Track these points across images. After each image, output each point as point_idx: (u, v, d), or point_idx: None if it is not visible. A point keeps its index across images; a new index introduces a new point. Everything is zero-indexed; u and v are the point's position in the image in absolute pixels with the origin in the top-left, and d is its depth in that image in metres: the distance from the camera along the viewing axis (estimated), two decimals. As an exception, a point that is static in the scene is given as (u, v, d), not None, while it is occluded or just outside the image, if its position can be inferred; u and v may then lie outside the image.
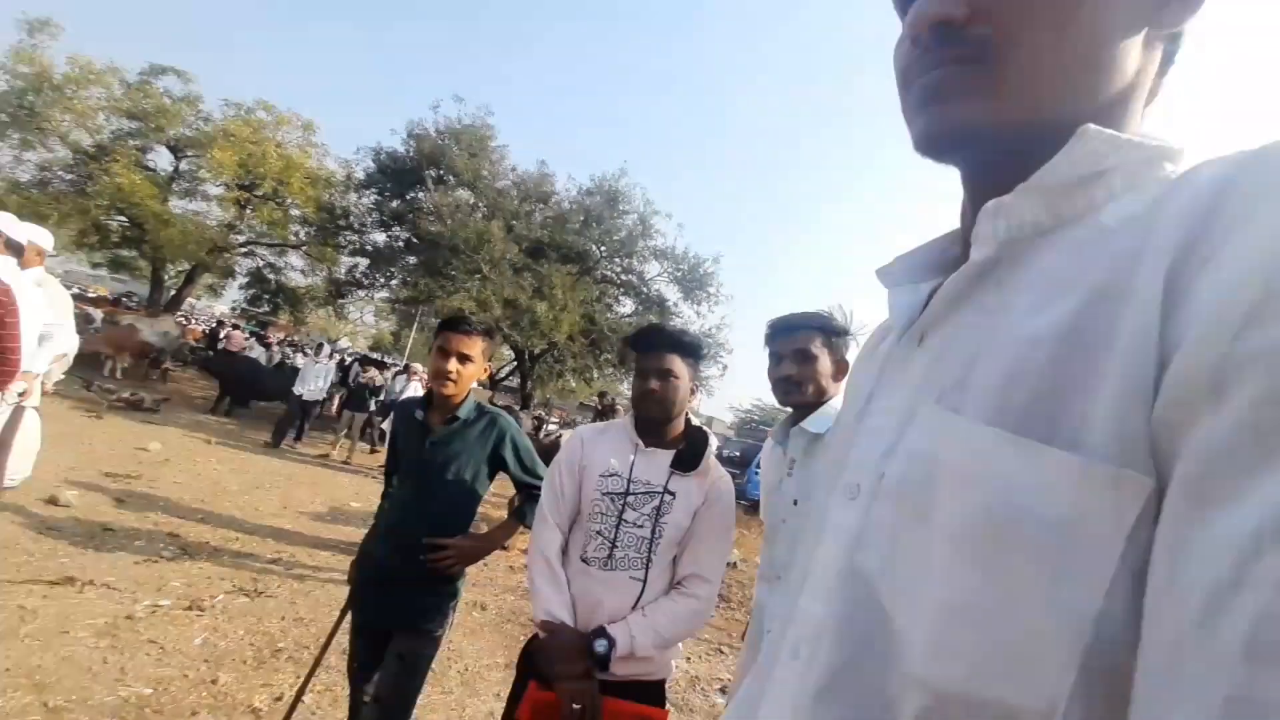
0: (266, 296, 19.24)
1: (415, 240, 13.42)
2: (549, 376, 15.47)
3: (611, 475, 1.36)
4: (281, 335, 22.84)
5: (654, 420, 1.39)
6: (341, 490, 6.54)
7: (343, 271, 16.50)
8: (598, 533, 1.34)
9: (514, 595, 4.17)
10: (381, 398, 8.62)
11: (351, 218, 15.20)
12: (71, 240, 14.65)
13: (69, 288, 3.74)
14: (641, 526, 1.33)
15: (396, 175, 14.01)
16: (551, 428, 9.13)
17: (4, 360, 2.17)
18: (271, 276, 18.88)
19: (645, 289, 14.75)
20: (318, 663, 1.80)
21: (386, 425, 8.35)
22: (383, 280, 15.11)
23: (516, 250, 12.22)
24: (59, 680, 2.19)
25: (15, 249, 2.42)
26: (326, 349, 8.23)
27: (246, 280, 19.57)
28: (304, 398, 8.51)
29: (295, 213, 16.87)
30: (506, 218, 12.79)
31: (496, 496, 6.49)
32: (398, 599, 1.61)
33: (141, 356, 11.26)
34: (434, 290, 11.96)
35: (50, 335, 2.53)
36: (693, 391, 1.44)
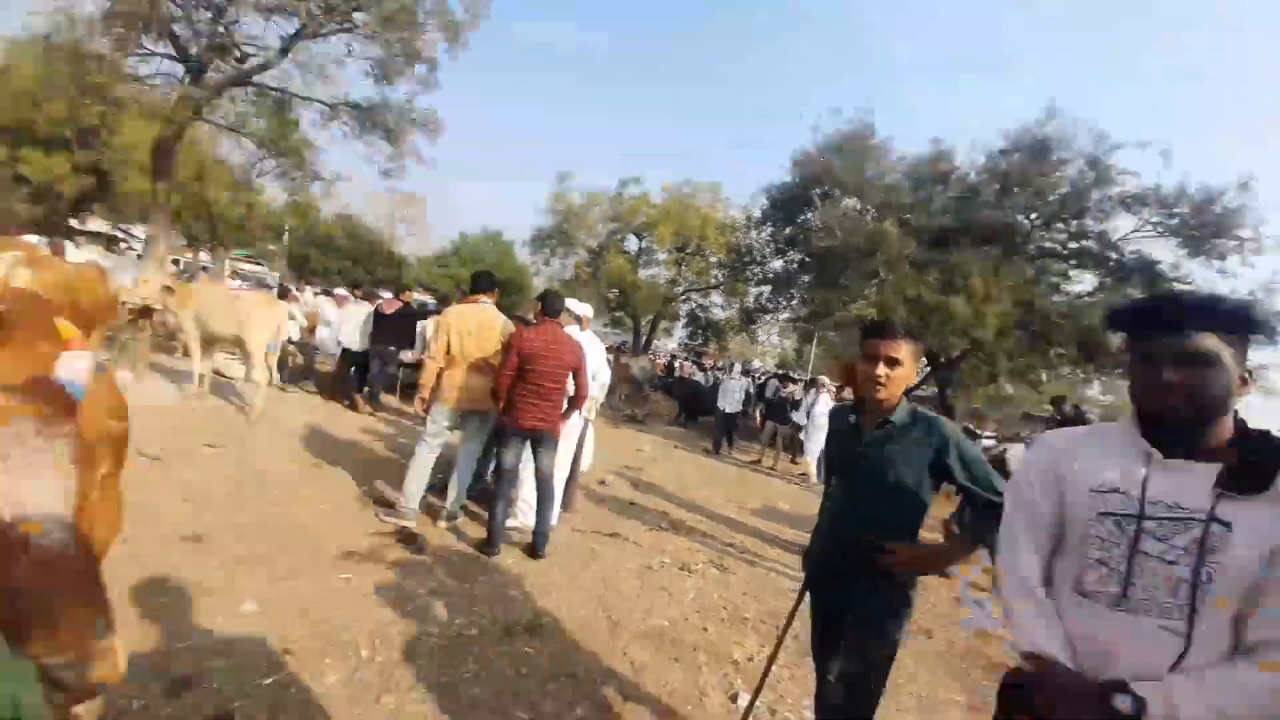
0: (699, 331, 24.09)
1: (808, 259, 14.08)
2: (975, 382, 13.27)
3: (1110, 492, 1.08)
4: (712, 361, 27.75)
5: (1179, 423, 1.04)
6: (772, 492, 7.36)
7: (751, 300, 18.87)
8: (1099, 562, 1.08)
9: (966, 631, 3.75)
10: (801, 410, 9.28)
11: (754, 253, 17.46)
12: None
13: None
14: (1174, 563, 1.00)
15: (786, 205, 15.12)
16: (988, 442, 7.77)
17: (581, 389, 3.51)
18: (701, 315, 23.60)
19: (1114, 253, 10.90)
20: (781, 639, 2.06)
21: (805, 438, 8.95)
22: (784, 302, 16.48)
23: (914, 245, 11.07)
24: (614, 600, 3.27)
25: (577, 319, 3.88)
26: (737, 367, 9.60)
27: (685, 320, 25.07)
28: (725, 410, 10.02)
29: (713, 259, 20.80)
30: (899, 213, 11.78)
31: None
32: (845, 593, 1.71)
33: (633, 386, 15.76)
34: (831, 303, 12.17)
35: (597, 373, 3.90)
36: (1244, 382, 1.02)
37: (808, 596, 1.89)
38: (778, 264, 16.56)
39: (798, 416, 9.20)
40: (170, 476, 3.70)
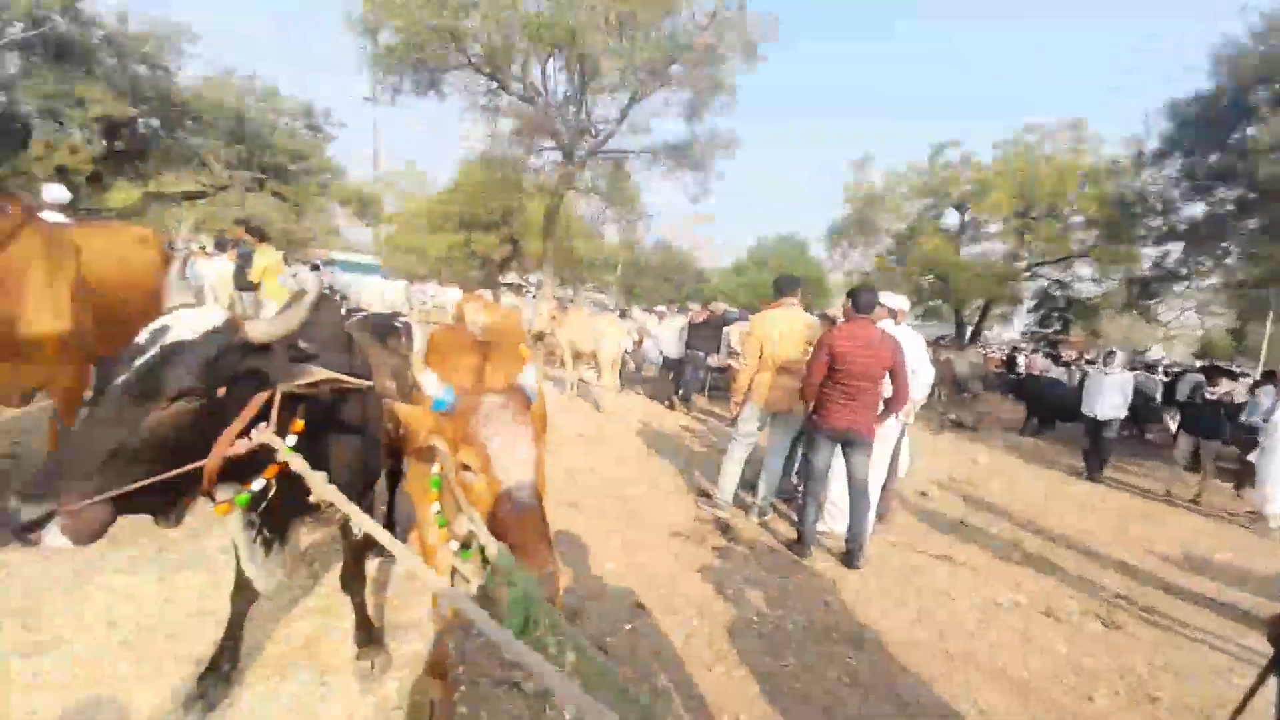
0: (1055, 314, 18.87)
1: (1252, 196, 9.46)
2: None
3: None
4: (1074, 352, 21.49)
5: None
6: (1197, 534, 5.23)
7: (1145, 266, 13.79)
8: None
9: None
10: (1243, 418, 6.34)
11: (1149, 200, 12.62)
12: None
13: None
14: None
15: (1204, 124, 10.52)
16: None
17: (900, 390, 3.21)
18: (1058, 293, 18.43)
19: None
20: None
21: (1258, 459, 6.03)
22: (1207, 263, 11.49)
23: None
24: (954, 632, 2.84)
25: (891, 313, 3.56)
26: (1119, 358, 6.62)
27: (1034, 303, 20.00)
28: (1098, 417, 7.02)
29: (1075, 220, 15.96)
30: None
31: None
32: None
33: (957, 386, 13.43)
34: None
35: (917, 371, 3.50)
36: None
37: (1273, 682, 1.30)
38: (1194, 209, 11.65)
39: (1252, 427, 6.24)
40: (557, 457, 4.94)
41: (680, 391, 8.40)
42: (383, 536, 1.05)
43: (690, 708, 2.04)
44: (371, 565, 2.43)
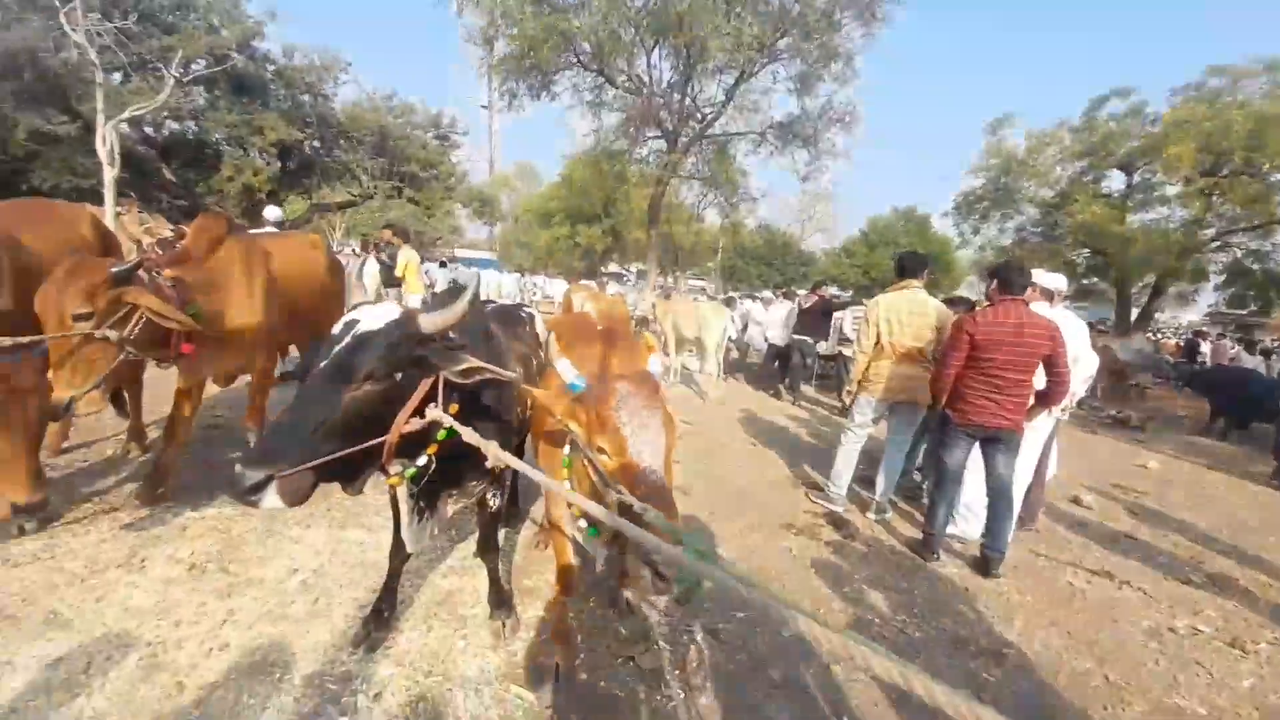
0: (1249, 292, 15.52)
1: None
2: None
3: None
4: (1274, 338, 17.63)
5: None
6: None
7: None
8: None
9: None
10: None
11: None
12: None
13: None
14: None
15: None
16: None
17: (1060, 381, 2.83)
18: (1255, 266, 15.11)
19: None
20: None
21: None
22: None
23: None
24: (1116, 658, 2.48)
25: (1047, 294, 3.13)
26: None
27: (1223, 278, 16.62)
28: None
29: (1276, 178, 12.94)
30: None
31: None
32: None
33: (1119, 377, 11.59)
34: None
35: (1078, 359, 3.06)
36: None
37: None
38: None
39: None
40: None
41: (787, 380, 8.11)
42: (561, 489, 1.14)
43: (811, 706, 1.98)
44: (500, 536, 2.63)
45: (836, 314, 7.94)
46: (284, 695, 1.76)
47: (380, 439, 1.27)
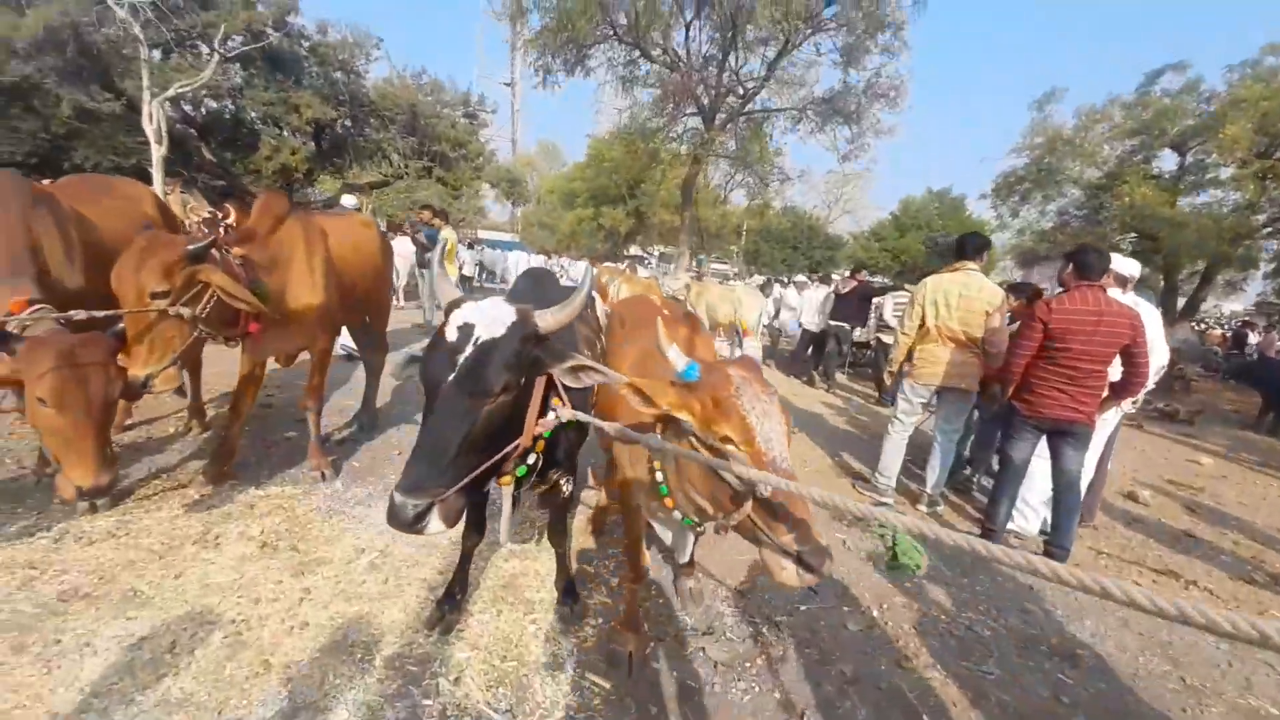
0: (1310, 281, 14.76)
1: None
2: None
3: None
4: (1342, 329, 16.79)
5: None
6: None
7: None
8: None
9: None
10: None
11: None
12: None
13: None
14: None
15: None
16: None
17: (1138, 373, 2.70)
18: (1317, 254, 14.35)
19: None
20: None
21: None
22: None
23: None
24: (1190, 660, 2.40)
25: (1121, 280, 2.97)
26: None
27: (1273, 266, 15.85)
28: None
29: None
30: None
31: None
32: None
33: (1167, 367, 11.17)
34: None
35: (1152, 349, 2.91)
36: None
37: None
38: None
39: None
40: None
41: (820, 367, 7.98)
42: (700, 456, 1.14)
43: (887, 704, 1.95)
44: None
45: (876, 299, 7.75)
46: (368, 676, 1.78)
47: (515, 443, 1.27)
